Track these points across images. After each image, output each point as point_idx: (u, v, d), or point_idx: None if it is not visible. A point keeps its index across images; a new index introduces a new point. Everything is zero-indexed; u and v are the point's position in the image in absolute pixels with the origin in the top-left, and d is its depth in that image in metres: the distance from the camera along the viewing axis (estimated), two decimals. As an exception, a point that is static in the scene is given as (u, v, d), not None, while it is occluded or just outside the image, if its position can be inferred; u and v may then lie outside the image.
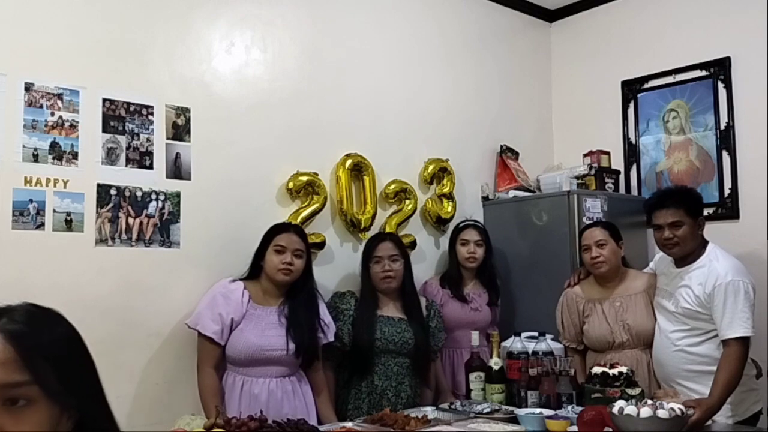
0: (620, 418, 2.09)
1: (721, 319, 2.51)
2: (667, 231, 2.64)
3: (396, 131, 3.49)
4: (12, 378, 0.91)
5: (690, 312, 2.62)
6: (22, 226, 2.36)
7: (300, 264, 2.59)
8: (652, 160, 3.90)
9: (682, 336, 2.66)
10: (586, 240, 2.95)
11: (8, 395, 0.91)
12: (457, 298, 3.28)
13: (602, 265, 2.90)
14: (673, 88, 3.81)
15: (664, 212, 2.66)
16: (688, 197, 2.72)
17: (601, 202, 3.50)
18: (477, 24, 3.96)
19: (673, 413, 2.07)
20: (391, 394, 2.83)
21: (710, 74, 3.66)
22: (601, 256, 2.89)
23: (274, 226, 2.73)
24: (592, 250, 2.91)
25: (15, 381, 0.91)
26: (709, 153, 3.66)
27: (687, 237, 2.63)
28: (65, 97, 2.49)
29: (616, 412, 2.10)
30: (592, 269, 2.95)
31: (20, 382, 0.91)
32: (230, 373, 2.59)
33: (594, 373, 2.49)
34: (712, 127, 3.65)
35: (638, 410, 2.07)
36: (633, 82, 3.97)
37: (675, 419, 2.07)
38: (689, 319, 2.63)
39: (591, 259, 2.92)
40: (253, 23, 3.03)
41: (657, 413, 2.06)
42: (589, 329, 2.92)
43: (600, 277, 2.96)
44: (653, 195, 2.93)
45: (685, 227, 2.62)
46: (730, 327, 2.48)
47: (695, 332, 2.62)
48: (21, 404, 0.91)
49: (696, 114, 3.72)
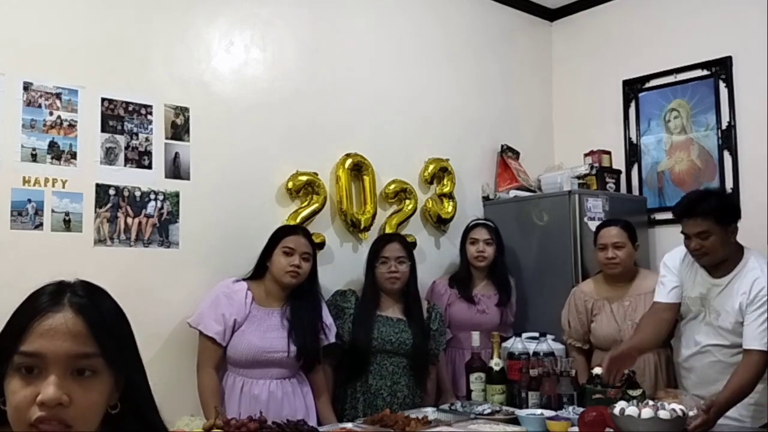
0: (621, 419, 2.08)
1: (752, 328, 2.39)
2: (694, 241, 2.48)
3: (396, 131, 3.48)
4: (83, 349, 0.95)
5: (736, 326, 2.47)
6: (20, 226, 2.35)
7: (307, 267, 2.63)
8: (653, 160, 3.89)
9: (722, 349, 2.52)
10: (604, 239, 2.93)
11: (77, 365, 0.95)
12: (464, 298, 3.26)
13: (617, 267, 2.90)
14: (674, 88, 3.80)
15: (691, 222, 2.47)
16: (716, 205, 2.50)
17: (603, 202, 3.49)
18: (477, 23, 3.95)
19: (674, 414, 2.06)
20: (385, 393, 2.83)
21: (711, 74, 3.65)
22: (617, 258, 2.88)
23: (283, 227, 2.73)
24: (609, 251, 2.89)
25: (85, 352, 0.95)
26: (711, 153, 3.65)
27: (717, 246, 2.45)
28: (64, 97, 2.48)
29: (618, 413, 2.09)
30: (606, 269, 2.94)
31: (89, 353, 0.96)
32: (230, 374, 2.58)
33: (595, 373, 2.48)
34: (713, 127, 3.64)
35: (639, 411, 2.06)
36: (634, 81, 3.96)
37: (676, 420, 2.06)
38: (731, 334, 2.49)
39: (606, 260, 2.90)
40: (252, 22, 3.02)
41: (658, 414, 2.05)
42: (597, 327, 2.91)
43: (611, 277, 2.95)
44: (682, 199, 2.64)
45: (713, 237, 2.44)
46: (761, 339, 2.37)
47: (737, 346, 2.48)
48: (87, 375, 0.96)
49: (697, 113, 3.71)
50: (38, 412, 0.91)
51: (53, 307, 0.97)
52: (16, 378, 0.94)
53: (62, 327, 0.95)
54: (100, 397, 0.97)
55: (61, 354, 0.94)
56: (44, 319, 0.95)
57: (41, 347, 0.94)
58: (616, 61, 4.04)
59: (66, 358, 0.94)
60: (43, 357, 0.94)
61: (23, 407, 0.92)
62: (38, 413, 0.91)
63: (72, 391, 0.94)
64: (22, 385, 0.93)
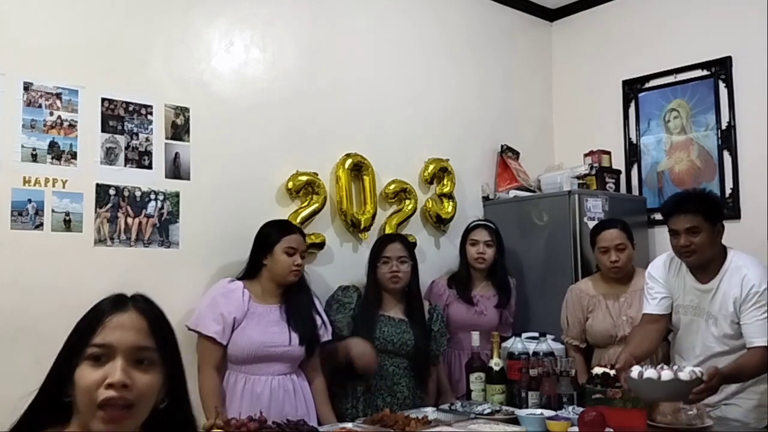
0: (640, 382, 2.05)
1: (754, 326, 2.38)
2: (683, 237, 2.47)
3: (396, 131, 3.48)
4: (144, 343, 1.17)
5: (736, 328, 2.45)
6: (20, 226, 2.35)
7: (303, 264, 2.68)
8: (653, 160, 3.89)
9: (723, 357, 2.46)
10: (606, 242, 2.93)
11: (139, 356, 1.16)
12: (463, 299, 3.25)
13: (621, 270, 2.91)
14: (674, 88, 3.80)
15: (681, 218, 2.47)
16: (706, 202, 2.53)
17: (602, 202, 3.49)
18: (477, 23, 3.95)
19: (693, 375, 2.05)
20: (385, 393, 2.83)
21: (711, 74, 3.65)
22: (620, 261, 2.89)
23: (282, 227, 2.72)
24: (612, 254, 2.90)
25: (146, 345, 1.17)
26: (710, 153, 3.65)
27: (705, 244, 2.45)
28: (64, 97, 2.48)
29: (635, 376, 2.07)
30: (609, 272, 2.95)
31: (149, 347, 1.17)
32: (232, 373, 2.58)
33: (595, 373, 2.48)
34: (713, 127, 3.64)
35: (659, 374, 2.05)
36: (634, 81, 3.96)
37: (696, 381, 2.05)
38: (732, 339, 2.47)
39: (610, 263, 2.91)
40: (252, 22, 3.02)
41: (678, 375, 2.04)
42: (593, 324, 2.92)
43: (610, 277, 2.96)
44: (670, 198, 2.72)
45: (702, 234, 2.44)
46: (762, 334, 2.35)
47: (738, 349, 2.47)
48: (145, 364, 1.16)
49: (697, 114, 3.71)
50: (105, 393, 1.11)
51: (120, 308, 1.20)
52: (86, 366, 1.14)
53: (128, 323, 1.18)
54: (154, 385, 1.17)
55: (128, 344, 1.15)
56: (113, 317, 1.18)
57: (111, 338, 1.15)
58: (615, 61, 4.04)
59: (131, 348, 1.15)
60: (112, 347, 1.15)
61: (93, 389, 1.12)
62: (105, 394, 1.11)
63: (134, 377, 1.14)
64: (92, 371, 1.13)
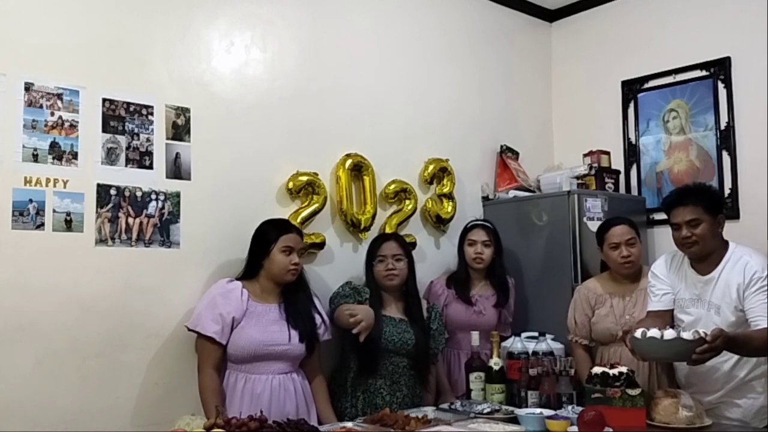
0: (643, 341, 2.05)
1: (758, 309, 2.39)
2: (685, 229, 2.53)
3: (396, 131, 3.49)
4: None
5: (739, 315, 2.48)
6: (21, 226, 2.36)
7: (301, 262, 2.70)
8: (652, 160, 3.90)
9: None
10: (616, 238, 2.92)
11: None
12: (461, 299, 3.25)
13: (632, 265, 2.91)
14: (673, 88, 3.81)
15: (682, 210, 2.55)
16: (706, 194, 2.62)
17: (602, 202, 3.50)
18: (477, 24, 3.96)
19: (696, 335, 2.05)
20: (385, 392, 2.83)
21: (710, 74, 3.66)
22: (632, 256, 2.89)
23: (278, 226, 2.73)
24: (623, 249, 2.89)
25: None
26: (709, 153, 3.66)
27: (706, 235, 2.51)
28: (65, 97, 2.49)
29: (639, 335, 2.07)
30: (621, 268, 2.93)
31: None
32: (232, 372, 2.59)
33: (594, 373, 2.48)
34: (712, 127, 3.65)
35: (662, 333, 2.05)
36: (633, 81, 3.97)
37: (699, 341, 2.05)
38: (734, 328, 2.46)
39: (622, 258, 2.89)
40: (252, 22, 3.02)
41: (681, 335, 2.04)
42: (597, 321, 2.92)
43: (620, 275, 2.96)
44: (671, 192, 2.78)
45: (703, 225, 2.51)
46: None
47: None
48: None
49: (696, 114, 3.72)
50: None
51: None
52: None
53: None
54: None
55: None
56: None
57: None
58: (615, 61, 4.05)
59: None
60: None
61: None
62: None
63: None
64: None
